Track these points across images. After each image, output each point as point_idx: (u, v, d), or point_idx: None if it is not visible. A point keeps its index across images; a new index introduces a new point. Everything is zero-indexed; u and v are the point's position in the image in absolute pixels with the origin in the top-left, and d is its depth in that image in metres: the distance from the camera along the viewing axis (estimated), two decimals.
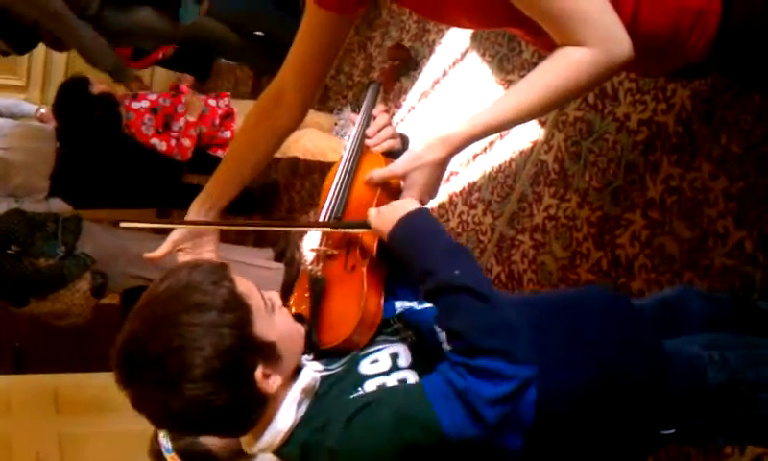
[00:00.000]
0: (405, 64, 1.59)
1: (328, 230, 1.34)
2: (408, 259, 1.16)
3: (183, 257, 1.45)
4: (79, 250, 3.36)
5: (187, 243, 1.46)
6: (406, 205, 1.20)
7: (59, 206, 3.83)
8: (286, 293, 1.35)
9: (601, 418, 1.25)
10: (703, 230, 2.02)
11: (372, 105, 1.44)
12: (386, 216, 1.20)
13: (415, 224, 1.17)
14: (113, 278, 3.49)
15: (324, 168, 4.14)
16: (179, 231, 1.45)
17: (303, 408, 1.14)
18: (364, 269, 1.25)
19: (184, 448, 1.69)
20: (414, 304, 1.30)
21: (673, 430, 1.28)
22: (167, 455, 1.70)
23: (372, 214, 1.23)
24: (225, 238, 1.52)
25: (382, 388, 1.12)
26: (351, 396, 1.12)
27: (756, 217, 1.89)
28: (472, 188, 3.03)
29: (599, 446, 1.27)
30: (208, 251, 1.47)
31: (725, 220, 1.97)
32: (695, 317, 1.50)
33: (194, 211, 1.48)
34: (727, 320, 1.52)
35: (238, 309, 1.09)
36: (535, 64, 1.20)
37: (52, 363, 4.12)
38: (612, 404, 1.25)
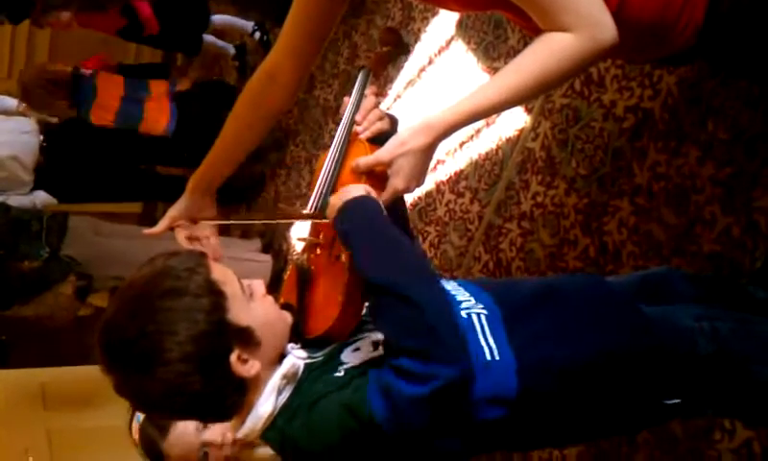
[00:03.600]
0: (396, 49, 1.57)
1: (289, 221, 1.34)
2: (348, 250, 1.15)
3: (181, 234, 1.46)
4: (63, 251, 3.33)
5: (185, 220, 1.46)
6: (349, 192, 1.18)
7: (43, 199, 3.81)
8: (274, 284, 1.35)
9: (596, 391, 1.24)
10: (690, 217, 2.03)
11: (362, 91, 1.43)
12: (333, 203, 1.19)
13: (350, 213, 1.16)
14: (98, 279, 3.45)
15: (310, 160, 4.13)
16: (176, 208, 1.46)
17: (285, 395, 1.15)
18: (346, 258, 1.23)
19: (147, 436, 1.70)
20: None
21: (678, 400, 1.27)
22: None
23: (331, 202, 1.21)
24: None
25: (348, 371, 1.13)
26: (327, 379, 1.13)
27: (742, 203, 1.89)
28: (459, 176, 3.02)
29: (600, 415, 1.27)
30: (206, 227, 1.48)
31: (712, 206, 1.97)
32: (681, 295, 1.49)
33: (188, 193, 1.48)
34: (714, 299, 1.52)
35: (213, 295, 1.10)
36: (520, 52, 1.19)
37: (39, 357, 4.10)
38: (606, 378, 1.24)
